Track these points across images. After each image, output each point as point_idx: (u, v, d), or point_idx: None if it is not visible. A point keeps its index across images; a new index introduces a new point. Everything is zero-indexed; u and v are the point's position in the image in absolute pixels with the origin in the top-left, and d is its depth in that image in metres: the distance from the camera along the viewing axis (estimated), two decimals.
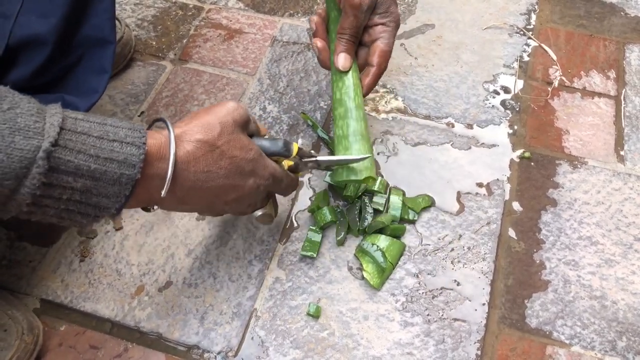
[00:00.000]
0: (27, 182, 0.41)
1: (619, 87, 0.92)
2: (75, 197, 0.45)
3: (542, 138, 0.85)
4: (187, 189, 0.53)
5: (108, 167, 0.45)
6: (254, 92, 0.91)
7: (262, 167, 0.59)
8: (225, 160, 0.54)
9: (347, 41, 0.69)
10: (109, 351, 0.67)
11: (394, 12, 0.69)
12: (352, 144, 0.69)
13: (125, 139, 0.46)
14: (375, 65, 0.70)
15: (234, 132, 0.56)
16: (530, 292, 0.71)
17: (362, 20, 0.68)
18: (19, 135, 0.40)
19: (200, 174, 0.53)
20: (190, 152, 0.52)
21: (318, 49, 0.72)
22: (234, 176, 0.56)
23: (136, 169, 0.46)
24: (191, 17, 1.02)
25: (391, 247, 0.72)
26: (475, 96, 0.90)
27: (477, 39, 0.98)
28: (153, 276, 0.73)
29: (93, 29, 0.66)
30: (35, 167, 0.40)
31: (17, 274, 0.73)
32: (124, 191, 0.46)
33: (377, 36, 0.69)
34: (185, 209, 0.58)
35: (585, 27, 1.00)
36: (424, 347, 0.67)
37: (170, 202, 0.54)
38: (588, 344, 0.68)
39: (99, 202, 0.46)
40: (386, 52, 0.70)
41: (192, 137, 0.52)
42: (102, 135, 0.45)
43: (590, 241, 0.75)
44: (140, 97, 0.91)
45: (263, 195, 0.63)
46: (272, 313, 0.70)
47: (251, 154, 0.57)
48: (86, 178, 0.44)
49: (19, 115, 0.41)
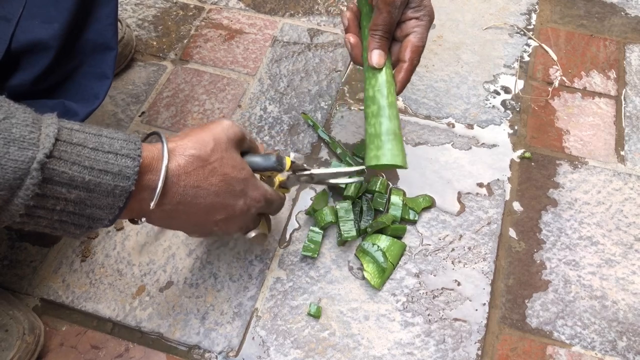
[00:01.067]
0: (20, 193, 0.41)
1: (619, 87, 0.92)
2: (69, 208, 0.45)
3: (543, 138, 0.85)
4: (176, 203, 0.52)
5: (102, 179, 0.45)
6: (255, 92, 0.91)
7: (253, 188, 0.58)
8: (217, 177, 0.54)
9: (381, 37, 0.67)
10: (110, 351, 0.68)
11: (427, 6, 0.66)
12: (384, 143, 0.67)
13: (121, 150, 0.46)
14: (408, 61, 0.67)
15: (227, 150, 0.55)
16: (531, 292, 0.71)
17: (396, 16, 0.66)
18: (14, 146, 0.40)
19: (190, 188, 0.52)
20: (181, 166, 0.52)
21: (351, 44, 0.69)
22: (224, 195, 0.55)
23: (130, 181, 0.46)
24: (192, 17, 1.02)
25: (392, 247, 0.72)
26: (475, 96, 0.90)
27: (477, 39, 0.98)
28: (154, 276, 0.73)
29: (95, 34, 0.66)
30: (29, 178, 0.40)
31: (18, 274, 0.73)
32: (117, 203, 0.46)
33: (410, 31, 0.67)
34: (173, 225, 0.58)
35: (585, 27, 1.00)
36: (425, 347, 0.67)
37: (159, 215, 0.53)
38: (588, 344, 0.68)
39: (92, 214, 0.46)
40: (419, 47, 0.67)
41: (185, 151, 0.52)
42: (97, 147, 0.45)
43: (590, 241, 0.75)
44: (141, 97, 0.91)
45: (254, 217, 0.62)
46: (273, 313, 0.70)
47: (243, 173, 0.57)
48: (80, 189, 0.44)
49: (14, 125, 0.41)
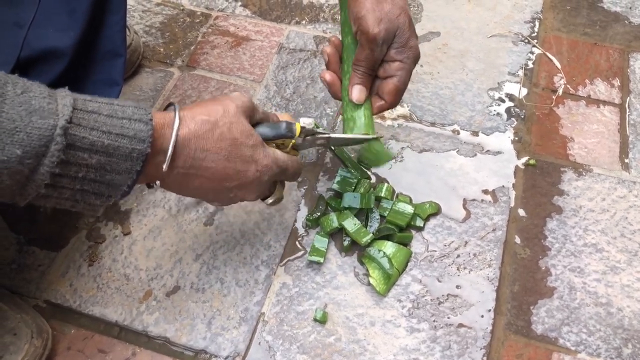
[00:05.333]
0: (46, 161, 0.42)
1: (623, 95, 0.92)
2: (90, 175, 0.46)
3: (547, 145, 0.86)
4: (188, 167, 0.54)
5: (120, 143, 0.46)
6: (261, 98, 0.92)
7: (263, 155, 0.59)
8: (226, 141, 0.55)
9: (363, 73, 0.67)
10: (117, 355, 0.68)
11: (413, 47, 0.65)
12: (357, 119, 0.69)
13: (133, 116, 0.48)
14: (387, 102, 0.68)
15: (236, 116, 0.57)
16: (536, 298, 0.72)
17: (378, 54, 0.65)
18: (36, 115, 0.42)
19: (200, 151, 0.54)
20: (192, 130, 0.53)
21: (327, 82, 0.70)
22: (235, 160, 0.56)
23: (146, 144, 0.48)
24: (199, 24, 1.03)
25: (397, 253, 0.72)
26: (480, 104, 0.91)
27: (482, 47, 0.99)
28: (161, 281, 0.73)
29: (105, 41, 0.67)
30: (54, 144, 0.42)
31: (26, 278, 0.74)
32: (135, 166, 0.48)
33: (393, 73, 0.66)
34: (188, 191, 0.58)
35: (589, 35, 1.01)
36: (430, 353, 0.67)
37: (173, 179, 0.55)
38: (594, 350, 0.68)
39: (112, 180, 0.48)
40: (400, 90, 0.67)
41: (195, 116, 0.54)
42: (111, 114, 0.47)
43: (595, 248, 0.76)
44: (148, 103, 0.91)
45: (269, 184, 0.63)
46: (279, 318, 0.70)
47: (251, 140, 0.58)
48: (100, 154, 0.46)
49: (33, 97, 0.42)
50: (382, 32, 0.62)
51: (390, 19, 0.62)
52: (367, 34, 0.62)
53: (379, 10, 0.62)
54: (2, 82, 0.42)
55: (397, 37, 0.63)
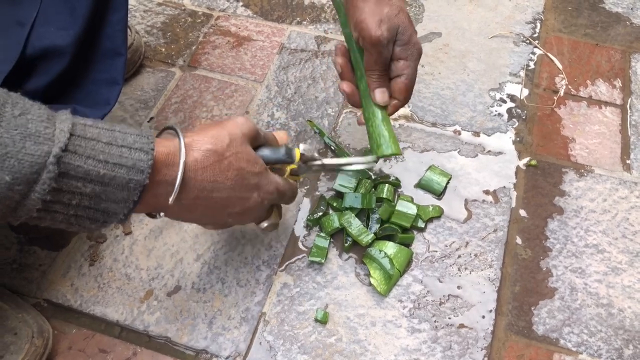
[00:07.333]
0: (37, 187, 0.41)
1: (624, 96, 0.92)
2: (84, 202, 0.45)
3: (549, 146, 0.86)
4: (194, 198, 0.53)
5: (117, 173, 0.45)
6: (262, 98, 0.92)
7: (267, 182, 0.59)
8: (232, 171, 0.55)
9: (379, 76, 0.66)
10: (117, 355, 0.68)
11: (416, 43, 0.65)
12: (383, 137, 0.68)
13: (134, 144, 0.47)
14: (400, 100, 0.68)
15: (242, 145, 0.56)
16: (537, 299, 0.72)
17: (387, 54, 0.65)
18: (30, 141, 0.41)
19: (207, 183, 0.53)
20: (198, 161, 0.52)
21: (347, 93, 0.70)
22: (240, 188, 0.56)
23: (144, 175, 0.47)
24: (200, 24, 1.03)
25: (399, 254, 0.72)
26: (481, 104, 0.91)
27: (483, 48, 0.99)
28: (162, 281, 0.73)
29: (106, 40, 0.67)
30: (46, 172, 0.41)
31: (27, 278, 0.74)
32: (132, 197, 0.47)
33: (400, 72, 0.66)
34: (190, 219, 0.58)
35: (590, 36, 1.01)
36: (431, 354, 0.67)
37: (177, 210, 0.54)
38: (595, 351, 0.68)
39: (107, 208, 0.47)
40: (410, 87, 0.67)
41: (201, 146, 0.53)
42: (110, 141, 0.46)
43: (596, 249, 0.75)
44: (150, 103, 0.91)
45: (267, 208, 0.63)
46: (280, 318, 0.70)
47: (257, 167, 0.58)
48: (95, 183, 0.45)
49: (30, 121, 0.41)
50: (384, 33, 0.62)
51: (390, 19, 0.62)
52: (369, 39, 0.62)
53: (377, 13, 0.62)
54: (1, 101, 0.41)
55: (399, 34, 0.64)
